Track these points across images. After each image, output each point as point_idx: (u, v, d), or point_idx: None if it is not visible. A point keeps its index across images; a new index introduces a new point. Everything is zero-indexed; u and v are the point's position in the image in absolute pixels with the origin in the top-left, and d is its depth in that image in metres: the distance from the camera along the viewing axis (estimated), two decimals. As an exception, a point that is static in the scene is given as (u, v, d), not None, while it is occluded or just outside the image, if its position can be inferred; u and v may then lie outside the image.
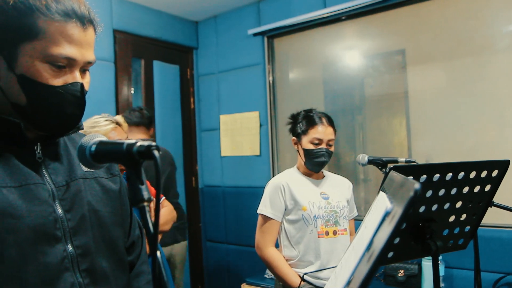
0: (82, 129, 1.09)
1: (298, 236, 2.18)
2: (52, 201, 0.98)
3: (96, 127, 2.13)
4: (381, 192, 1.02)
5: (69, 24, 0.94)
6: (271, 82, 3.88)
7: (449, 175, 1.20)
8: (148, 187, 0.78)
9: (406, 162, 2.06)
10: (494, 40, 2.85)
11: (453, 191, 1.24)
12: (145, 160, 0.77)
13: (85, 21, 0.97)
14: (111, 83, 3.46)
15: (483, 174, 1.27)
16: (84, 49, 0.97)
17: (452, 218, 1.30)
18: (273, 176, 3.79)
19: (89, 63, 1.00)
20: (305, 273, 2.14)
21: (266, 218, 2.22)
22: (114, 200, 1.14)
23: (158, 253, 0.71)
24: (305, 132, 2.23)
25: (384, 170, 2.10)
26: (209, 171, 4.28)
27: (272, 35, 3.85)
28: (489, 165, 1.29)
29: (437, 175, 1.18)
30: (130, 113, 3.13)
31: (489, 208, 1.42)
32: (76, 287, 0.98)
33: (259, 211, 2.24)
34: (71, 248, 0.99)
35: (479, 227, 1.44)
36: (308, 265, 2.17)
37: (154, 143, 0.76)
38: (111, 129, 2.16)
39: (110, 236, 1.10)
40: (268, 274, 3.47)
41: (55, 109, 0.96)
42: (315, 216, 2.16)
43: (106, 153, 0.84)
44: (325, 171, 2.38)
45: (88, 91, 1.02)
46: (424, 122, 3.15)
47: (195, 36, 4.32)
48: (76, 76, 0.98)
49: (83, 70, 1.01)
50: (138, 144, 0.78)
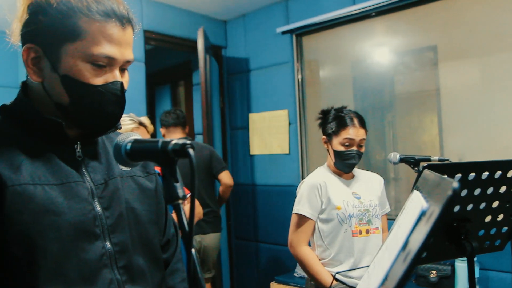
0: (120, 128, 1.10)
1: (332, 236, 2.17)
2: (91, 199, 1.00)
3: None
4: (415, 191, 1.00)
5: (109, 24, 0.96)
6: (300, 80, 3.86)
7: (485, 174, 1.17)
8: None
9: (439, 160, 2.02)
10: (531, 35, 2.76)
11: (490, 190, 1.20)
12: (180, 158, 0.78)
13: (124, 21, 0.98)
14: (141, 83, 3.53)
15: (521, 173, 1.24)
16: (124, 48, 0.98)
17: (488, 218, 1.27)
18: (302, 174, 3.80)
19: (128, 62, 1.01)
20: (337, 272, 2.13)
21: (302, 217, 2.20)
22: (150, 198, 1.15)
23: (193, 251, 0.71)
24: (336, 133, 2.19)
25: (416, 168, 2.07)
26: (238, 169, 4.30)
27: (301, 33, 3.83)
28: (527, 163, 1.25)
29: (473, 174, 1.15)
30: (166, 115, 3.29)
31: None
32: (114, 283, 0.99)
33: (295, 211, 2.22)
34: (109, 245, 1.00)
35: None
36: (341, 264, 2.16)
37: (189, 141, 0.77)
38: (132, 129, 2.16)
39: (147, 234, 1.11)
40: (298, 272, 3.46)
41: (97, 107, 0.98)
42: (350, 215, 2.14)
43: (141, 151, 0.85)
44: (355, 169, 2.35)
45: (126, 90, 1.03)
46: (457, 119, 3.08)
47: (224, 35, 4.35)
48: (116, 75, 0.99)
49: (122, 69, 1.02)
50: (173, 142, 0.78)
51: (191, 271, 0.73)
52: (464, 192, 1.17)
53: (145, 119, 2.30)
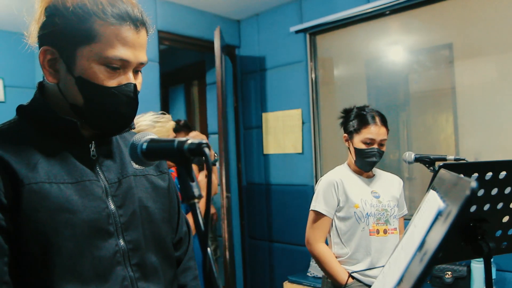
0: (134, 128, 1.12)
1: (349, 234, 2.17)
2: (105, 197, 1.01)
3: (159, 122, 2.22)
4: (431, 190, 0.99)
5: (124, 27, 0.97)
6: (313, 79, 3.85)
7: (503, 174, 1.15)
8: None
9: (455, 160, 1.99)
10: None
11: (507, 190, 1.19)
12: (195, 157, 0.79)
13: (138, 23, 1.00)
14: (155, 83, 3.55)
15: (540, 172, 1.22)
16: (137, 51, 1.00)
17: (506, 219, 1.25)
18: (316, 174, 3.79)
19: (142, 64, 1.03)
20: (353, 272, 2.13)
21: (319, 214, 2.21)
22: (163, 197, 1.16)
23: (209, 250, 0.72)
24: (357, 131, 2.19)
25: (431, 168, 2.05)
26: (251, 168, 4.30)
27: (314, 32, 3.81)
28: (546, 163, 1.22)
29: (490, 174, 1.14)
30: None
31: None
32: (128, 280, 1.01)
33: (312, 208, 2.24)
34: (122, 243, 1.02)
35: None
36: (358, 263, 2.15)
37: (205, 141, 0.78)
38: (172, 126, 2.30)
39: (159, 232, 1.13)
40: (311, 272, 3.45)
41: (110, 109, 1.00)
42: (367, 214, 2.14)
43: (157, 150, 0.86)
44: (374, 169, 2.35)
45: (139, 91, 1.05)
46: (473, 118, 3.04)
47: (238, 35, 4.35)
48: (130, 77, 1.01)
49: (136, 71, 1.04)
50: (189, 141, 0.79)
51: (207, 270, 0.73)
52: (481, 192, 1.15)
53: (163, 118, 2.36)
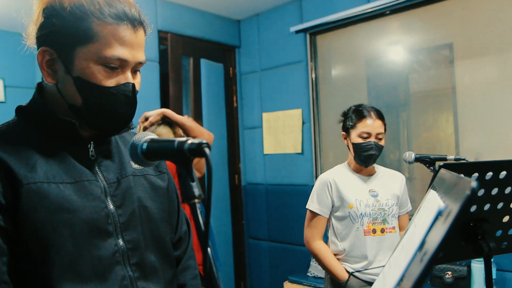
0: (133, 128, 1.12)
1: (345, 233, 2.19)
2: (104, 197, 1.02)
3: None
4: (431, 190, 0.99)
5: (121, 26, 0.97)
6: (313, 79, 3.85)
7: (503, 173, 1.15)
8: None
9: (455, 159, 1.99)
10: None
11: (508, 190, 1.19)
12: (196, 157, 0.78)
13: (135, 23, 1.00)
14: (155, 82, 3.55)
15: (540, 172, 1.21)
16: (135, 50, 1.00)
17: (506, 219, 1.25)
18: (316, 174, 3.79)
19: (140, 63, 1.03)
20: (352, 272, 2.14)
21: (314, 214, 2.24)
22: (162, 197, 1.17)
23: (209, 250, 0.72)
24: (353, 126, 2.21)
25: (432, 168, 2.04)
26: (251, 168, 4.30)
27: (315, 32, 3.81)
28: (546, 162, 1.22)
29: (490, 173, 1.14)
30: None
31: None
32: (127, 280, 1.01)
33: (307, 206, 2.27)
34: (122, 243, 1.02)
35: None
36: (355, 261, 2.17)
37: (205, 141, 0.78)
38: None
39: (158, 231, 1.13)
40: (311, 272, 3.46)
41: (109, 109, 1.00)
42: (361, 214, 2.15)
43: (158, 150, 0.86)
44: (377, 166, 2.34)
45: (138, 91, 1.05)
46: (473, 118, 3.04)
47: (238, 35, 4.35)
48: (128, 77, 1.01)
49: (134, 71, 1.04)
50: (189, 141, 0.79)
51: (207, 270, 0.73)
52: (481, 192, 1.15)
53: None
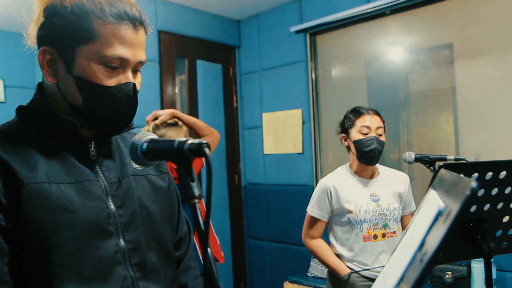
0: (134, 128, 1.12)
1: (344, 238, 2.18)
2: (105, 197, 1.02)
3: None
4: (431, 190, 0.99)
5: (122, 26, 0.97)
6: (313, 79, 3.85)
7: (503, 174, 1.15)
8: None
9: (455, 160, 1.99)
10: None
11: (508, 190, 1.19)
12: (196, 157, 0.79)
13: (136, 22, 1.00)
14: (156, 83, 3.55)
15: (540, 172, 1.21)
16: (136, 50, 1.00)
17: (506, 219, 1.25)
18: (316, 174, 3.79)
19: (141, 63, 1.03)
20: (353, 272, 2.14)
21: (313, 218, 2.24)
22: (163, 197, 1.16)
23: (209, 250, 0.72)
24: (352, 124, 2.18)
25: (431, 168, 2.04)
26: (252, 169, 4.30)
27: (315, 32, 3.81)
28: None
29: (490, 174, 1.14)
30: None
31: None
32: (128, 280, 1.01)
33: (307, 210, 2.27)
34: (123, 243, 1.02)
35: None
36: (355, 264, 2.17)
37: (205, 141, 0.78)
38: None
39: (159, 231, 1.13)
40: (311, 272, 3.45)
41: (109, 108, 1.00)
42: (361, 220, 2.13)
43: (158, 150, 0.86)
44: (380, 166, 2.30)
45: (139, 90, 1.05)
46: (473, 118, 3.04)
47: (238, 35, 4.35)
48: (129, 76, 1.01)
49: (135, 71, 1.04)
50: (189, 141, 0.79)
51: (207, 270, 0.73)
52: (481, 192, 1.15)
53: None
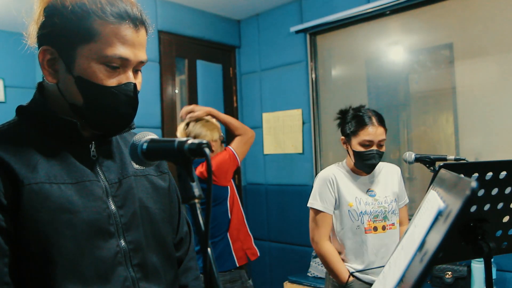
0: (134, 128, 1.12)
1: (345, 231, 2.17)
2: (105, 197, 1.01)
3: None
4: (431, 190, 0.99)
5: (123, 25, 0.97)
6: (313, 79, 3.85)
7: (503, 174, 1.15)
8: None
9: (455, 160, 1.98)
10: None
11: (508, 190, 1.18)
12: (196, 157, 0.78)
13: (137, 22, 0.99)
14: (156, 83, 3.55)
15: (540, 172, 1.21)
16: (137, 50, 1.00)
17: (506, 219, 1.25)
18: (316, 174, 3.77)
19: (142, 62, 1.03)
20: (352, 272, 2.13)
21: (317, 212, 2.19)
22: (163, 197, 1.16)
23: (209, 250, 0.72)
24: (354, 133, 2.13)
25: (432, 168, 2.04)
26: (252, 169, 4.30)
27: (315, 32, 3.81)
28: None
29: (490, 174, 1.13)
30: None
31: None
32: (129, 281, 1.01)
33: (309, 205, 2.22)
34: (123, 243, 1.02)
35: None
36: (356, 259, 2.16)
37: (205, 141, 0.77)
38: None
39: (160, 232, 1.12)
40: (311, 272, 3.45)
41: (110, 108, 1.00)
42: (361, 212, 2.13)
43: (158, 150, 0.86)
44: None
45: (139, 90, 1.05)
46: (473, 118, 3.04)
47: (238, 35, 4.35)
48: (129, 76, 1.01)
49: (136, 71, 1.04)
50: (189, 142, 0.79)
51: (207, 270, 0.73)
52: (481, 192, 1.15)
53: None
